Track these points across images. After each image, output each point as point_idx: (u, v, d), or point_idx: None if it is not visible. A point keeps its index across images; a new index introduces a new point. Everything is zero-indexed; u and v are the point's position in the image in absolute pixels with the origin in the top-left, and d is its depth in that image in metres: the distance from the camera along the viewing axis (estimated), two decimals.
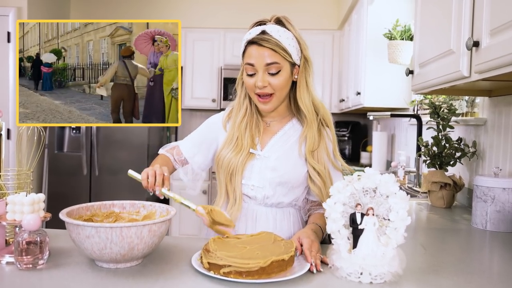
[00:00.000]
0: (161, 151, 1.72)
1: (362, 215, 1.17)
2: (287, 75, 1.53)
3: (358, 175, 1.20)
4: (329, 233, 1.20)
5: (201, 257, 1.22)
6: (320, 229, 1.50)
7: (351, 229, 1.19)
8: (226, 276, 1.12)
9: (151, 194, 1.39)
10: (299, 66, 1.56)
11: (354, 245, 1.17)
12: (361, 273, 1.13)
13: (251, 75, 1.53)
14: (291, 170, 1.57)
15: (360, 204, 1.18)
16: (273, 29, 1.50)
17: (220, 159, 1.61)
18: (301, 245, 1.32)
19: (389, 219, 1.16)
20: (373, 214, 1.16)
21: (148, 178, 1.38)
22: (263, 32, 1.49)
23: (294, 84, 1.60)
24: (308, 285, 1.13)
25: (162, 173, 1.38)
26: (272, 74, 1.50)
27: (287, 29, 1.53)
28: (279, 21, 1.55)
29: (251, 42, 1.51)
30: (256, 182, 1.58)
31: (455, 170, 2.36)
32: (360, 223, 1.16)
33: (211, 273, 1.14)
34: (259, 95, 1.54)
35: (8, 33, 4.32)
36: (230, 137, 1.62)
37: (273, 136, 1.63)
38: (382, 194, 1.18)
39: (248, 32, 1.54)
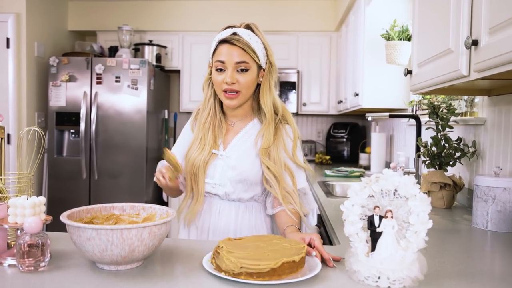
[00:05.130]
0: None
1: (381, 217, 1.14)
2: (254, 75, 1.63)
3: (377, 177, 1.19)
4: (347, 235, 1.18)
5: (212, 259, 1.22)
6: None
7: (369, 231, 1.16)
8: (237, 278, 1.11)
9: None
10: (264, 71, 1.66)
11: (373, 248, 1.15)
12: (379, 277, 1.11)
13: (220, 72, 1.61)
14: (249, 168, 1.66)
15: (378, 207, 1.15)
16: (243, 32, 1.61)
17: (186, 158, 1.71)
18: (309, 244, 1.34)
19: (409, 222, 1.14)
20: (391, 217, 1.13)
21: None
22: (234, 34, 1.60)
23: (257, 86, 1.69)
24: None
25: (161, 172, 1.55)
26: (241, 73, 1.60)
27: (256, 35, 1.64)
28: (248, 27, 1.65)
29: (222, 41, 1.61)
30: (218, 181, 1.67)
31: (455, 170, 2.36)
32: (378, 226, 1.14)
33: (222, 274, 1.13)
34: (225, 91, 1.61)
35: (7, 39, 4.33)
36: (195, 137, 1.72)
37: (235, 136, 1.71)
38: (402, 196, 1.16)
39: (219, 33, 1.64)
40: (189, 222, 1.72)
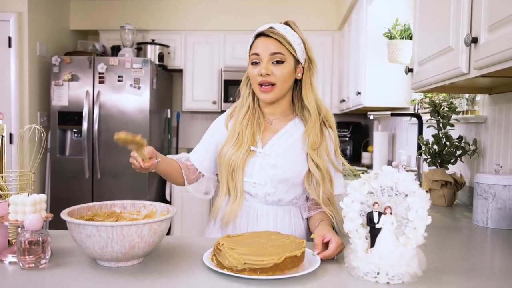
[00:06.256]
0: (170, 156, 1.73)
1: (380, 214, 1.15)
2: (291, 68, 1.59)
3: (376, 173, 1.19)
4: (346, 232, 1.19)
5: (213, 256, 1.23)
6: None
7: (368, 228, 1.17)
8: (240, 274, 1.12)
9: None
10: (303, 67, 1.63)
11: (372, 245, 1.16)
12: (378, 273, 1.11)
13: (255, 65, 1.59)
14: (292, 167, 1.60)
15: (377, 203, 1.16)
16: (280, 26, 1.60)
17: (221, 155, 1.65)
18: (324, 242, 1.32)
19: (408, 219, 1.14)
20: (390, 213, 1.14)
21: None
22: (271, 27, 1.59)
23: (297, 83, 1.66)
24: (324, 284, 1.13)
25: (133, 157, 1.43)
26: (276, 64, 1.56)
27: (293, 30, 1.62)
28: (286, 24, 1.64)
29: (258, 35, 1.61)
30: (258, 180, 1.60)
31: (456, 168, 2.36)
32: (377, 222, 1.14)
33: (225, 271, 1.15)
34: (261, 85, 1.58)
35: (9, 38, 4.34)
36: (231, 133, 1.66)
37: (274, 134, 1.65)
38: (401, 192, 1.16)
39: (257, 29, 1.63)
40: (227, 221, 1.62)
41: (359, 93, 3.74)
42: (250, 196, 1.63)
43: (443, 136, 2.24)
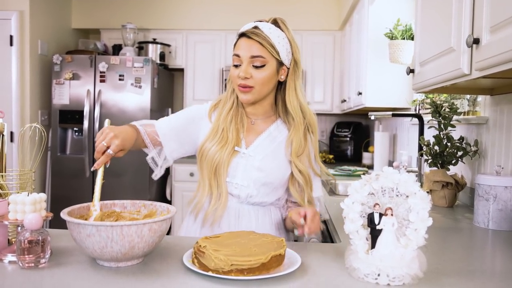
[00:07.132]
0: (135, 123, 1.69)
1: (381, 215, 1.14)
2: (272, 71, 1.55)
3: (377, 174, 1.19)
4: (347, 233, 1.19)
5: (194, 258, 1.21)
6: None
7: (369, 229, 1.17)
8: (227, 275, 1.11)
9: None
10: (288, 68, 1.59)
11: (372, 246, 1.15)
12: (379, 275, 1.11)
13: (236, 66, 1.56)
14: (276, 171, 1.60)
15: (378, 204, 1.15)
16: (265, 26, 1.54)
17: (204, 151, 1.61)
18: (301, 216, 1.39)
19: (409, 220, 1.14)
20: (391, 214, 1.13)
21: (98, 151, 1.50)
22: (255, 27, 1.53)
23: (280, 85, 1.63)
24: (323, 285, 1.12)
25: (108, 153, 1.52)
26: (256, 67, 1.53)
27: (281, 30, 1.56)
28: (275, 22, 1.58)
29: (241, 35, 1.55)
30: (241, 181, 1.59)
31: (457, 169, 2.35)
32: (378, 223, 1.14)
33: (210, 273, 1.13)
34: (240, 86, 1.55)
35: (11, 36, 4.34)
36: (215, 129, 1.62)
37: (258, 136, 1.64)
38: (402, 194, 1.16)
39: (242, 27, 1.57)
40: (212, 223, 1.59)
41: (360, 93, 3.74)
42: (232, 196, 1.61)
43: (444, 137, 2.24)
